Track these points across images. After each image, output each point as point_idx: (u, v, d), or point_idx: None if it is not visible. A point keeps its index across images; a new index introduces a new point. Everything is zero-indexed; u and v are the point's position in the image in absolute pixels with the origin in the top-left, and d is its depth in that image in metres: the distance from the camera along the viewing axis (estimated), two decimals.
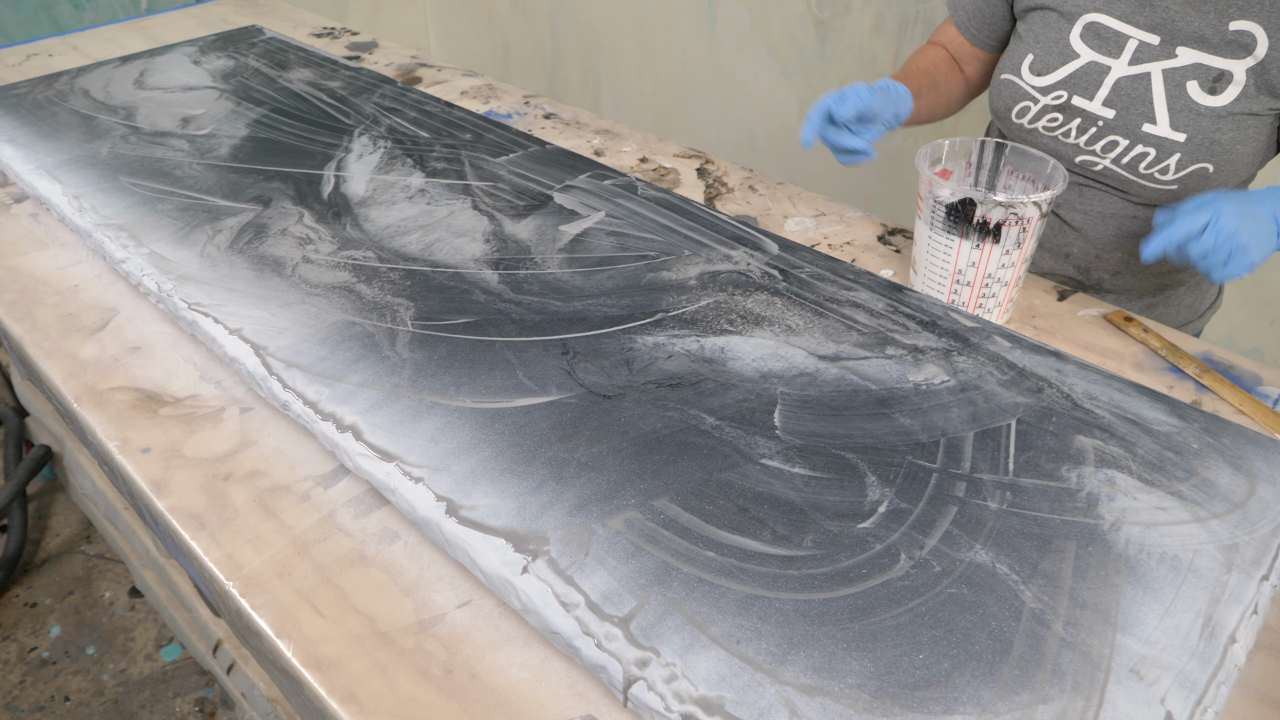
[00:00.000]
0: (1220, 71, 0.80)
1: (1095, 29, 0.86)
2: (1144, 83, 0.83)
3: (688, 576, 0.53)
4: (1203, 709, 0.48)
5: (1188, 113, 0.82)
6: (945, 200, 0.77)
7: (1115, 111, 0.85)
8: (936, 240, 0.80)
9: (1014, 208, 0.74)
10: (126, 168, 0.97)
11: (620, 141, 1.17)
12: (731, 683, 0.48)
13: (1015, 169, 0.84)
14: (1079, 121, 0.88)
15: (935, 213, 0.78)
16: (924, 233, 0.82)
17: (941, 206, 0.78)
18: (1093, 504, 0.59)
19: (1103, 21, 0.85)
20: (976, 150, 0.85)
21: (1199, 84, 0.81)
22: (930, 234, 0.80)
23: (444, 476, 0.60)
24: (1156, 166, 0.84)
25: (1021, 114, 0.91)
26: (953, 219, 0.77)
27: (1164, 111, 0.83)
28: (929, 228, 0.80)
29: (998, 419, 0.65)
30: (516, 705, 0.52)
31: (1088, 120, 0.87)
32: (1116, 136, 0.86)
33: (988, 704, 0.47)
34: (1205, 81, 0.81)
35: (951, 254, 0.79)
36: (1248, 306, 1.56)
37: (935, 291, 0.83)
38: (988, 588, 0.53)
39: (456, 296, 0.78)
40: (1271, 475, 0.62)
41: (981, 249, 0.77)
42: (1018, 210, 0.75)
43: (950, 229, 0.78)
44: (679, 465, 0.61)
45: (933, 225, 0.80)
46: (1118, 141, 0.86)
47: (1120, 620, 0.51)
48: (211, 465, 0.68)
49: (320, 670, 0.54)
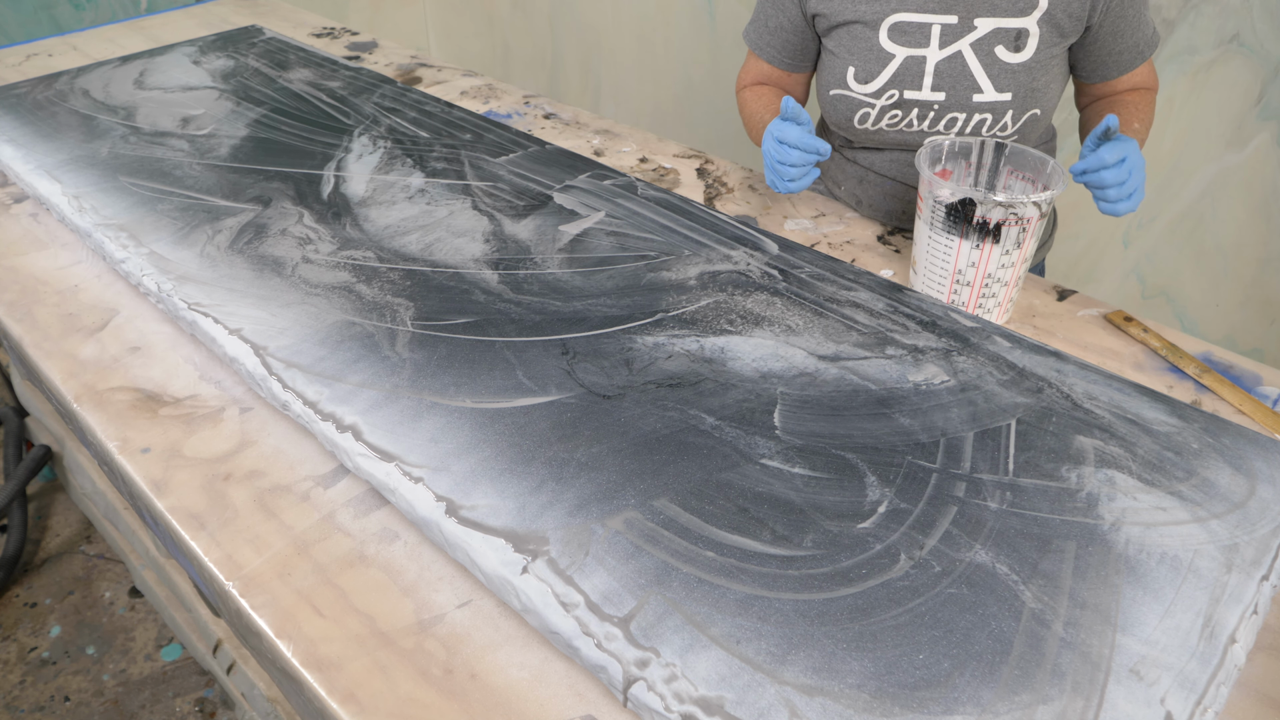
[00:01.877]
0: (1018, 30, 0.89)
1: (900, 27, 0.92)
2: (959, 60, 0.91)
3: (687, 576, 0.53)
4: (1203, 709, 0.47)
5: (1005, 74, 0.90)
6: (945, 200, 0.77)
7: (945, 93, 0.92)
8: (936, 240, 0.80)
9: (1014, 208, 0.74)
10: (126, 168, 0.97)
11: (620, 141, 1.17)
12: (731, 683, 0.48)
13: (1015, 169, 0.85)
14: (916, 111, 0.94)
15: (935, 213, 0.78)
16: (924, 233, 0.81)
17: (941, 206, 0.77)
18: (1093, 504, 0.59)
19: (904, 19, 0.91)
20: (976, 150, 0.85)
21: (1004, 46, 0.90)
22: (930, 234, 0.80)
23: (444, 476, 0.60)
24: (996, 126, 0.93)
25: (863, 120, 0.96)
26: (953, 219, 0.77)
27: (985, 79, 0.91)
28: (929, 228, 0.80)
29: (998, 419, 0.65)
30: (516, 705, 0.52)
31: (924, 108, 0.94)
32: (955, 113, 0.93)
33: (988, 704, 0.47)
34: (1009, 42, 0.89)
35: (951, 254, 0.79)
36: (1248, 306, 1.56)
37: (935, 291, 0.83)
38: (988, 588, 0.53)
39: (456, 296, 0.78)
40: (1271, 475, 0.62)
41: (981, 249, 0.77)
42: (1017, 210, 0.75)
43: (950, 229, 0.78)
44: (679, 465, 0.61)
45: (933, 225, 0.79)
46: (956, 117, 0.93)
47: (1120, 620, 0.51)
48: (211, 465, 0.68)
49: (320, 670, 0.54)
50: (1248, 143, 1.43)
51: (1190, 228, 1.55)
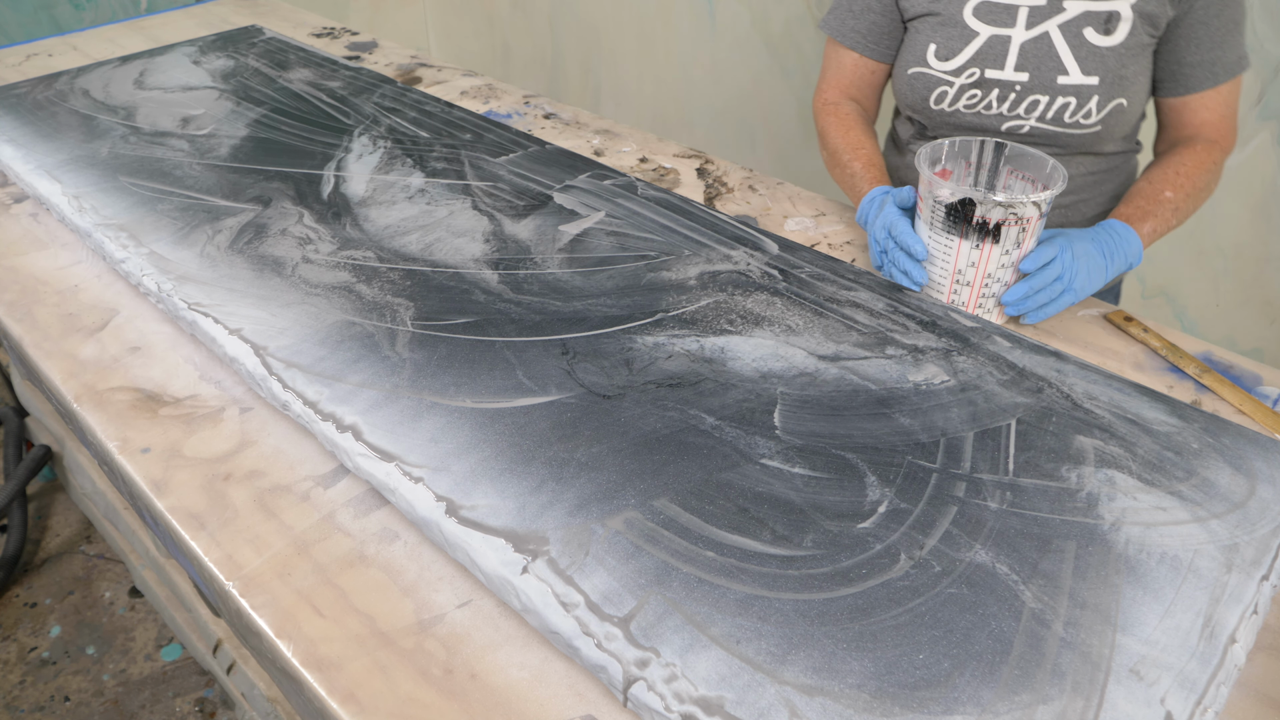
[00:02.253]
0: (1109, 13, 0.87)
1: (986, 6, 0.91)
2: (1045, 41, 0.89)
3: (688, 576, 0.53)
4: (1203, 709, 0.47)
5: (1093, 57, 0.88)
6: (945, 200, 0.77)
7: (1029, 74, 0.91)
8: (936, 240, 0.80)
9: (1013, 208, 0.74)
10: (126, 168, 0.97)
11: (620, 141, 1.17)
12: (731, 683, 0.48)
13: (1015, 169, 0.84)
14: (997, 91, 0.93)
15: (935, 213, 0.78)
16: (924, 232, 0.81)
17: (941, 206, 0.77)
18: (1093, 504, 0.59)
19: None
20: (976, 150, 0.85)
21: (1094, 29, 0.88)
22: (930, 234, 0.80)
23: (444, 476, 0.60)
24: (1080, 112, 0.90)
25: (940, 99, 0.95)
26: (952, 219, 0.77)
27: (1072, 61, 0.89)
28: (929, 228, 0.80)
29: (998, 419, 0.65)
30: (516, 705, 0.52)
31: (1005, 88, 0.92)
32: (1036, 95, 0.91)
33: (988, 704, 0.47)
34: (1099, 25, 0.88)
35: (951, 254, 0.79)
36: (1248, 306, 1.56)
37: (935, 292, 0.83)
38: (988, 588, 0.53)
39: (456, 296, 0.78)
40: (1271, 475, 0.62)
41: (981, 249, 0.77)
42: (1017, 210, 0.74)
43: (950, 229, 0.78)
44: (679, 465, 0.61)
45: (932, 225, 0.79)
46: (1038, 100, 0.91)
47: (1120, 620, 0.51)
48: (211, 465, 0.68)
49: (320, 670, 0.54)
50: (1248, 143, 1.43)
51: (1190, 227, 1.55)
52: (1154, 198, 0.87)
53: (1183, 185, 0.88)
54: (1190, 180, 0.89)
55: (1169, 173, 0.89)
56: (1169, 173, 0.89)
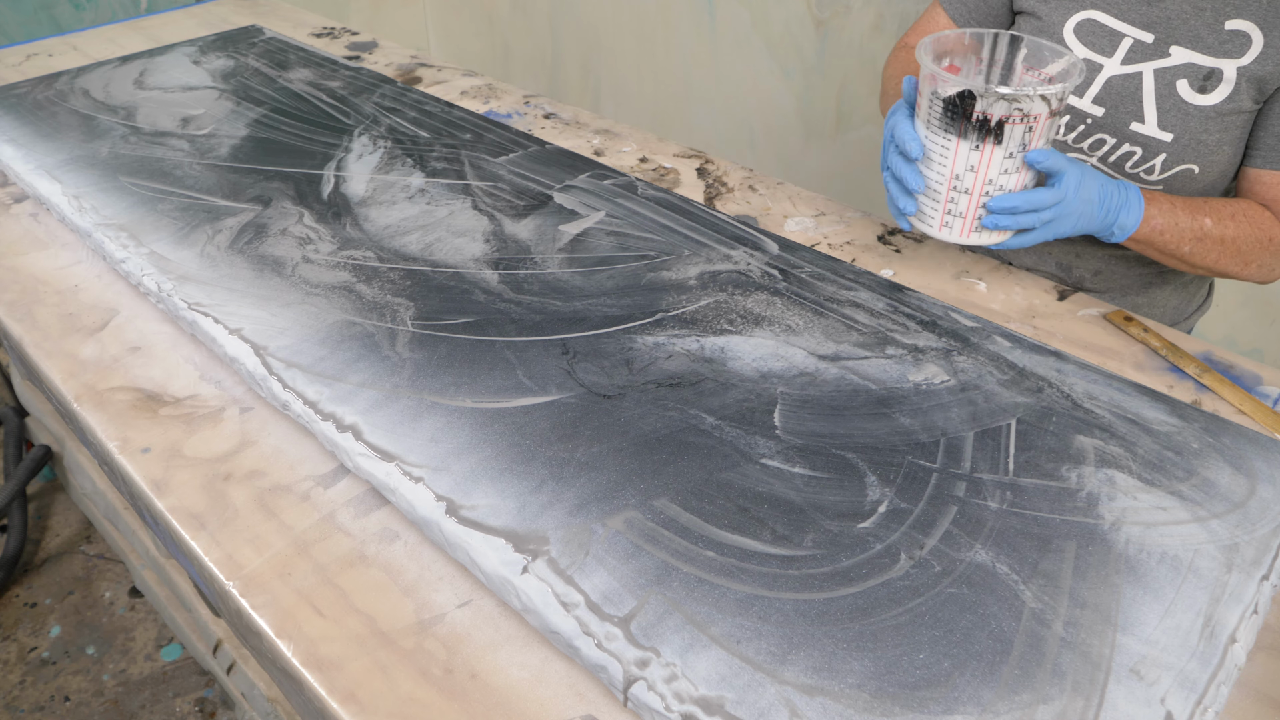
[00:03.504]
0: (1210, 70, 0.80)
1: (1090, 26, 0.84)
2: (1135, 81, 0.83)
3: (688, 576, 0.53)
4: (1203, 709, 0.47)
5: (1176, 112, 0.81)
6: (942, 94, 0.69)
7: (1104, 109, 0.85)
8: (933, 140, 0.72)
9: (1018, 101, 0.65)
10: (126, 168, 0.97)
11: (620, 141, 1.17)
12: (731, 682, 0.48)
13: (1033, 67, 0.75)
14: (1067, 119, 0.87)
15: (932, 109, 0.70)
16: (921, 132, 0.74)
17: (939, 101, 0.69)
18: (1093, 504, 0.59)
19: (1098, 19, 0.84)
20: (989, 44, 0.75)
21: (1189, 83, 0.81)
22: (927, 133, 0.73)
23: (444, 476, 0.60)
24: (1142, 166, 0.84)
25: None
26: (950, 115, 0.69)
27: (1153, 111, 0.82)
28: (925, 126, 0.72)
29: (998, 419, 0.65)
30: (517, 705, 0.52)
31: (1076, 117, 0.87)
32: (1104, 135, 0.85)
33: (988, 704, 0.47)
34: (1195, 80, 0.80)
35: (949, 156, 0.71)
36: (1248, 306, 1.56)
37: (930, 200, 0.76)
38: (988, 587, 0.53)
39: (456, 296, 0.78)
40: (1272, 475, 0.62)
41: (982, 150, 0.69)
42: (1023, 105, 0.66)
43: (948, 127, 0.70)
44: (679, 465, 0.61)
45: (929, 123, 0.71)
46: (1105, 140, 0.85)
47: (1120, 620, 0.51)
48: (211, 465, 0.68)
49: (320, 670, 0.54)
50: None
51: None
52: (1192, 210, 0.80)
53: (1228, 227, 0.79)
54: (1238, 228, 0.80)
55: (1228, 209, 0.81)
56: (1228, 209, 0.81)
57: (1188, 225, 0.79)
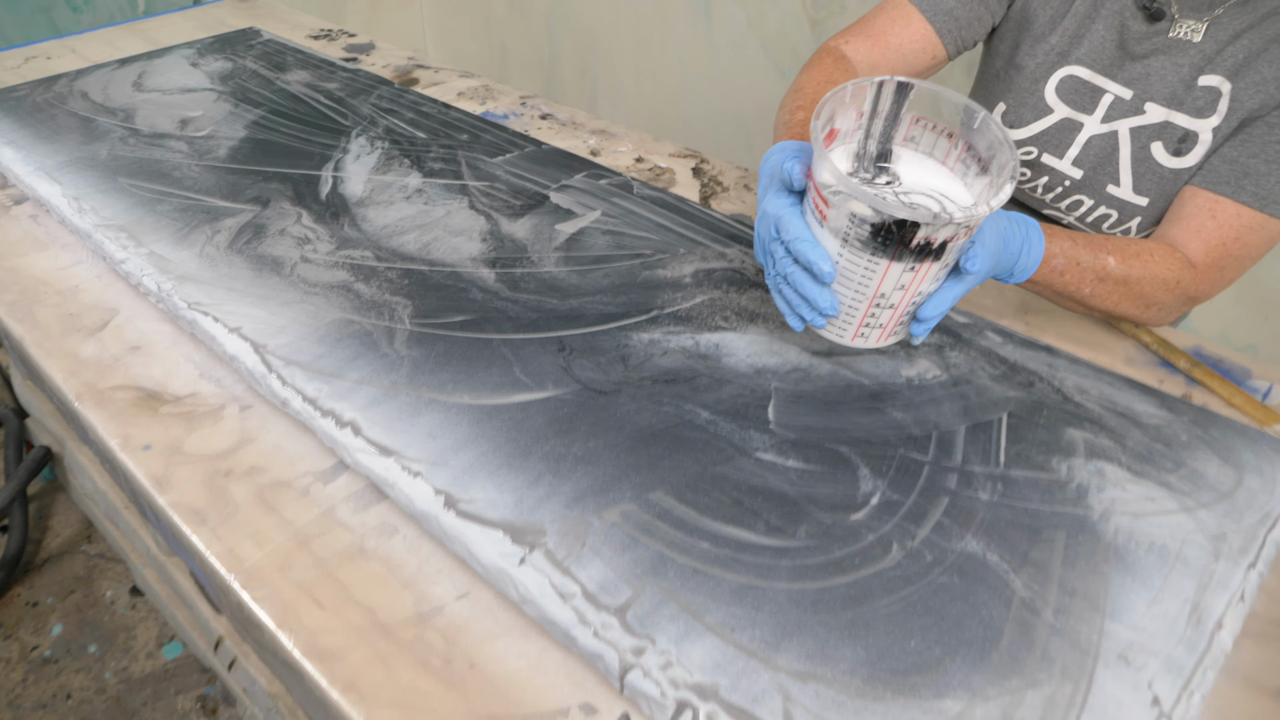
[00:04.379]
0: (1186, 132, 0.78)
1: (1072, 83, 0.82)
2: (1112, 141, 0.81)
3: (683, 567, 0.54)
4: (1189, 693, 0.48)
5: (1152, 176, 0.80)
6: (869, 219, 0.55)
7: (1083, 172, 0.83)
8: (853, 262, 0.59)
9: (969, 225, 0.56)
10: (126, 169, 0.98)
11: (616, 141, 1.18)
12: (726, 669, 0.49)
13: (922, 116, 0.63)
14: (1046, 180, 0.86)
15: (853, 229, 0.57)
16: (829, 243, 0.59)
17: (865, 226, 0.56)
18: (1082, 495, 0.60)
19: (1080, 74, 0.82)
20: (872, 94, 0.61)
21: (1164, 145, 0.79)
22: (841, 251, 0.59)
23: (442, 471, 0.61)
24: (1119, 228, 0.83)
25: None
26: (881, 241, 0.56)
27: (1128, 174, 0.81)
28: (839, 242, 0.58)
29: (989, 413, 0.66)
30: (515, 694, 0.53)
31: (1055, 179, 0.86)
32: (1082, 196, 0.84)
33: (978, 689, 0.48)
34: (1170, 143, 0.79)
35: (873, 278, 0.59)
36: (1242, 303, 1.57)
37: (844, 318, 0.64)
38: (978, 576, 0.54)
39: (454, 295, 0.78)
40: (1259, 466, 0.62)
41: (917, 270, 0.58)
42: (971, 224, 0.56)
43: (876, 251, 0.57)
44: (674, 459, 0.62)
45: (847, 242, 0.58)
46: (1083, 201, 0.85)
47: (1109, 607, 0.52)
48: (212, 462, 0.69)
49: (321, 661, 0.55)
50: None
51: None
52: (1094, 248, 0.71)
53: (1133, 266, 0.72)
54: (1144, 267, 0.72)
55: (1132, 248, 0.73)
56: (1132, 248, 0.73)
57: (1090, 263, 0.71)
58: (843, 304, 0.62)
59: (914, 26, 0.86)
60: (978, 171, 0.60)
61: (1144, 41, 0.78)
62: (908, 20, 0.86)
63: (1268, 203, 0.72)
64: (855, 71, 0.84)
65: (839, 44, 0.86)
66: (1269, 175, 0.72)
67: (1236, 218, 0.73)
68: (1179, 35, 0.76)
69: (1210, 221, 0.74)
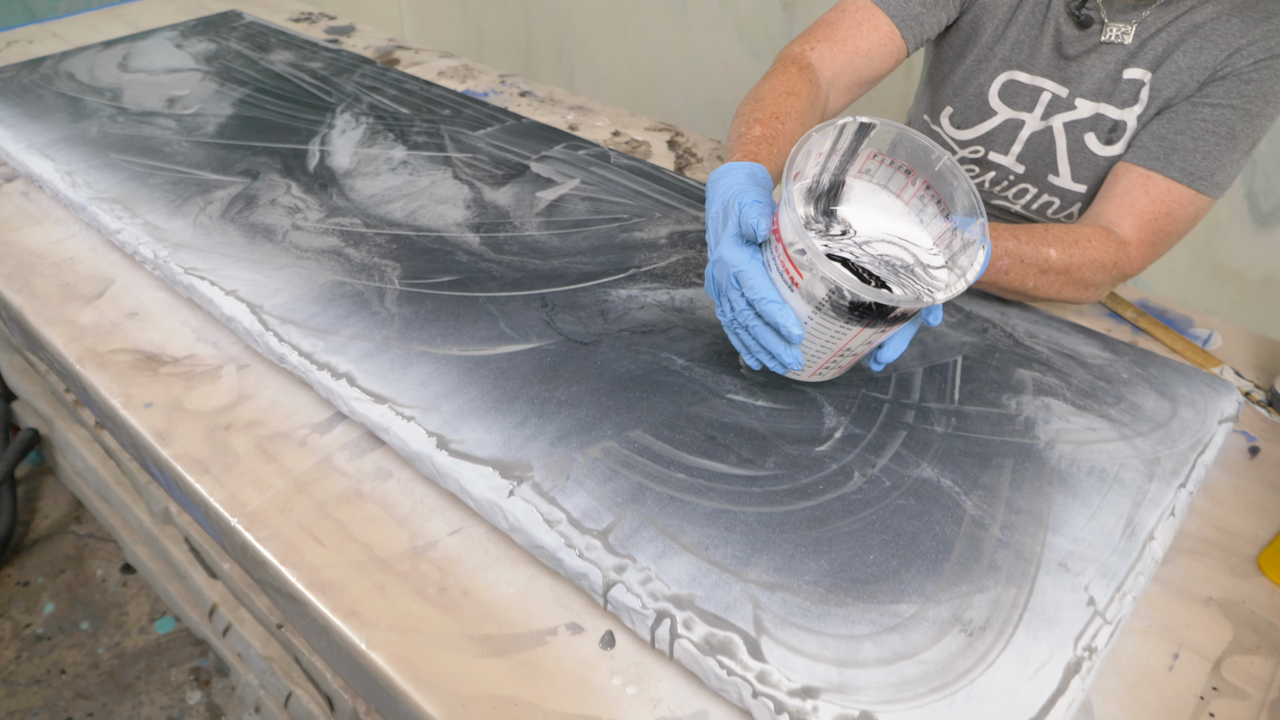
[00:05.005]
0: (1115, 122, 0.82)
1: (1013, 86, 0.87)
2: (1049, 136, 0.86)
3: (660, 495, 0.58)
4: (1122, 594, 0.53)
5: (1087, 164, 0.85)
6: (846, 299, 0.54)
7: (1026, 166, 0.89)
8: (822, 325, 0.57)
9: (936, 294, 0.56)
10: (116, 145, 1.01)
11: (593, 117, 1.21)
12: (701, 582, 0.53)
13: (879, 152, 0.60)
14: (993, 174, 0.92)
15: (829, 300, 0.55)
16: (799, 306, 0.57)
17: (844, 300, 0.54)
18: (1030, 427, 0.64)
19: (1019, 78, 0.87)
20: (833, 136, 0.59)
21: (1096, 135, 0.84)
22: (811, 314, 0.57)
23: (434, 415, 0.65)
24: (1063, 214, 0.89)
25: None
26: (857, 313, 0.55)
27: (1066, 164, 0.86)
28: (807, 305, 0.57)
29: (945, 356, 0.71)
30: (506, 616, 0.57)
31: (1001, 173, 0.91)
32: (1027, 185, 0.90)
33: (930, 594, 0.52)
34: (1102, 132, 0.83)
35: (842, 338, 0.58)
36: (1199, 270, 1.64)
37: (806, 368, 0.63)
38: (932, 498, 0.58)
39: (440, 257, 0.82)
40: (1193, 399, 0.68)
41: (888, 330, 0.58)
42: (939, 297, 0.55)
43: (850, 320, 0.56)
44: (652, 401, 0.66)
45: (820, 310, 0.56)
46: (1028, 189, 0.90)
47: (1051, 523, 0.57)
48: (212, 417, 0.72)
49: (323, 593, 0.59)
50: None
51: None
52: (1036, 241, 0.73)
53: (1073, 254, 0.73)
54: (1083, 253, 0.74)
55: (1070, 236, 0.75)
56: (1070, 236, 0.75)
57: (1033, 258, 0.72)
58: (805, 354, 0.61)
59: (880, 30, 0.87)
60: (935, 211, 0.59)
61: (1076, 44, 0.83)
62: (875, 24, 0.87)
63: (1194, 178, 0.76)
64: (818, 80, 0.84)
65: (803, 49, 0.86)
66: (1194, 152, 0.76)
67: (1167, 193, 0.77)
68: (1110, 39, 0.81)
69: (1143, 196, 0.77)
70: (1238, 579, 0.60)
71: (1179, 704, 0.52)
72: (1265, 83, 0.75)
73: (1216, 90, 0.76)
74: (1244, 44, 0.75)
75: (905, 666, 0.49)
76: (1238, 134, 0.76)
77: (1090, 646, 0.50)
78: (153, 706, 1.34)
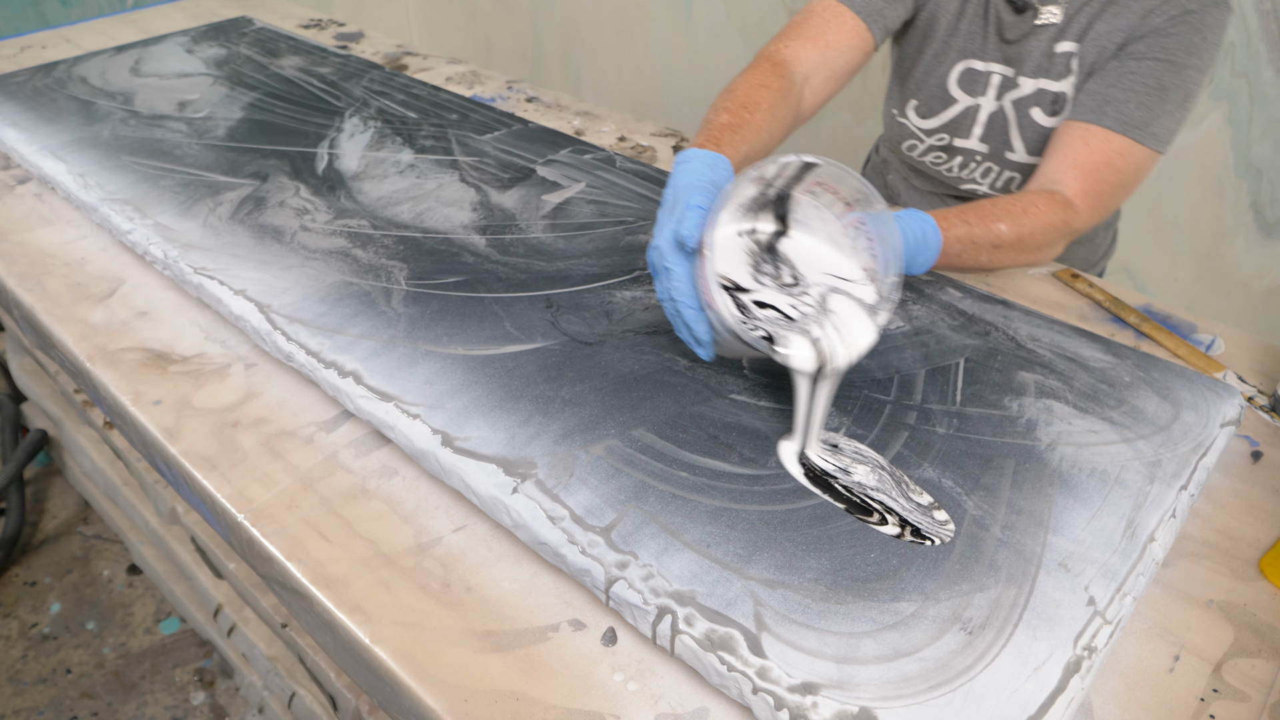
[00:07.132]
0: (1055, 94, 0.89)
1: (969, 75, 0.94)
2: (1003, 115, 0.93)
3: (663, 493, 0.59)
4: (1122, 594, 0.53)
5: (1037, 137, 0.92)
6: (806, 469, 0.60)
7: (988, 146, 0.96)
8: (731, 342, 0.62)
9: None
10: (128, 148, 1.02)
11: (599, 122, 1.22)
12: (702, 579, 0.53)
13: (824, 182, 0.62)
14: (960, 159, 0.99)
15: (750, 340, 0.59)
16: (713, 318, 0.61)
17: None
18: (1031, 428, 0.65)
19: (973, 65, 0.94)
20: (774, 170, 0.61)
21: (1041, 109, 0.91)
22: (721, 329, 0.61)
23: (439, 413, 0.65)
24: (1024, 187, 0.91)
25: (910, 149, 1.03)
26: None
27: (1019, 140, 0.93)
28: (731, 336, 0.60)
29: (947, 358, 0.71)
30: (509, 612, 0.57)
31: (967, 156, 0.98)
32: (991, 164, 0.97)
33: (931, 592, 0.53)
34: (1045, 105, 0.90)
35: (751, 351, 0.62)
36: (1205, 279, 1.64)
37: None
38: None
39: (447, 258, 0.83)
40: (1195, 403, 0.68)
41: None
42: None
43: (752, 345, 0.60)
44: (655, 400, 0.66)
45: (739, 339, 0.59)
46: (992, 168, 0.97)
47: (1052, 523, 0.57)
48: (220, 414, 0.73)
49: (328, 587, 0.59)
50: (1200, 122, 1.51)
51: (1149, 205, 1.62)
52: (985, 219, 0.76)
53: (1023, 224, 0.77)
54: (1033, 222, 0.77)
55: (1018, 205, 0.78)
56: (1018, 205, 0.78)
57: (984, 238, 0.75)
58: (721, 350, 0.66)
59: (848, 25, 0.92)
60: (866, 246, 0.63)
61: (1015, 29, 0.91)
62: (842, 20, 0.92)
63: (1129, 128, 0.80)
64: (791, 75, 0.87)
65: (778, 48, 0.90)
66: (1127, 103, 0.81)
67: (1105, 143, 0.81)
68: (1043, 21, 0.89)
69: (1084, 148, 0.82)
70: (1239, 582, 0.60)
71: (1179, 705, 0.53)
72: (1183, 35, 0.80)
73: (1139, 47, 0.82)
74: (1156, 4, 0.82)
75: (905, 664, 0.49)
76: (1166, 84, 0.80)
77: (1090, 646, 0.50)
78: (157, 707, 1.35)
